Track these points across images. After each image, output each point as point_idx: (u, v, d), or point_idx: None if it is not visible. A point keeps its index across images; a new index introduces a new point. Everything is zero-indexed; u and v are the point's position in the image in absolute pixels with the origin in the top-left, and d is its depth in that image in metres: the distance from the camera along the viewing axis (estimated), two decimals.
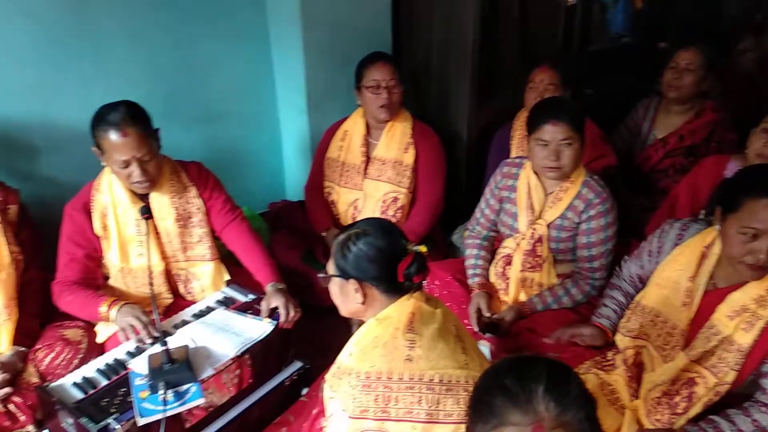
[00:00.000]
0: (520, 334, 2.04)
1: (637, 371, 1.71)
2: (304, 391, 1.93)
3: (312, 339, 2.16)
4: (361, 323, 1.46)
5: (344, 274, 1.40)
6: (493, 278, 2.21)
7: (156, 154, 1.92)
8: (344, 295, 1.44)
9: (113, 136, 1.81)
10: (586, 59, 3.46)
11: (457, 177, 2.92)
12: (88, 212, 1.97)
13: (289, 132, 3.05)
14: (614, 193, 2.07)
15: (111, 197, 1.97)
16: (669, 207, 2.32)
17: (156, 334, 1.79)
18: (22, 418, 1.84)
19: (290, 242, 2.63)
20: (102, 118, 1.83)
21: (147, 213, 1.90)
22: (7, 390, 1.81)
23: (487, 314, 2.07)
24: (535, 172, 2.07)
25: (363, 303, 1.41)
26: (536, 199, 2.06)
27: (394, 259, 1.37)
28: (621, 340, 1.79)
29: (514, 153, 2.63)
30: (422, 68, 2.96)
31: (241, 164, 2.94)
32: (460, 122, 2.89)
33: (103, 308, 1.88)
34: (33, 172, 2.32)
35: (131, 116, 1.83)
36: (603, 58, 3.64)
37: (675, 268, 1.69)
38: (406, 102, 2.63)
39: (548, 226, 2.05)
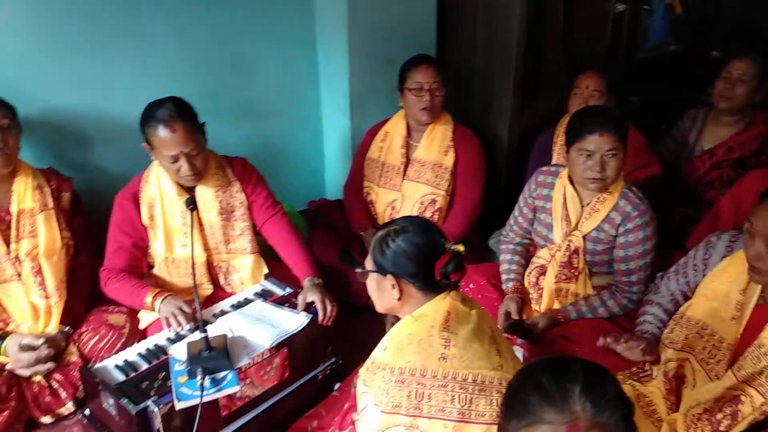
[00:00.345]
0: (554, 341, 2.02)
1: (676, 384, 1.67)
2: (337, 385, 1.95)
3: (346, 336, 2.18)
4: (395, 321, 1.47)
5: (382, 270, 1.42)
6: (526, 287, 2.19)
7: (203, 149, 1.98)
8: (381, 291, 1.45)
9: (162, 132, 1.87)
10: (633, 66, 3.40)
11: (496, 181, 2.91)
12: (137, 202, 2.04)
13: (331, 132, 3.09)
14: (657, 204, 2.02)
15: (159, 189, 2.03)
16: (712, 220, 2.26)
17: (196, 323, 1.84)
18: (64, 394, 1.92)
19: (328, 240, 2.66)
20: (151, 115, 1.89)
21: (192, 204, 1.96)
22: (50, 365, 1.90)
23: (515, 317, 2.05)
24: (571, 182, 2.03)
25: (399, 299, 1.42)
26: (572, 210, 2.02)
27: (432, 257, 1.38)
28: (662, 351, 1.74)
29: (555, 159, 2.61)
30: (465, 71, 2.96)
31: (282, 162, 2.99)
32: (501, 125, 2.88)
33: (148, 298, 1.94)
34: (85, 162, 2.42)
35: (179, 112, 1.89)
36: (649, 66, 3.57)
37: (724, 280, 1.65)
38: (448, 104, 2.63)
39: (584, 238, 2.01)
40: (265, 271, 2.20)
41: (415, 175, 2.62)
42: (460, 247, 1.41)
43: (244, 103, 2.79)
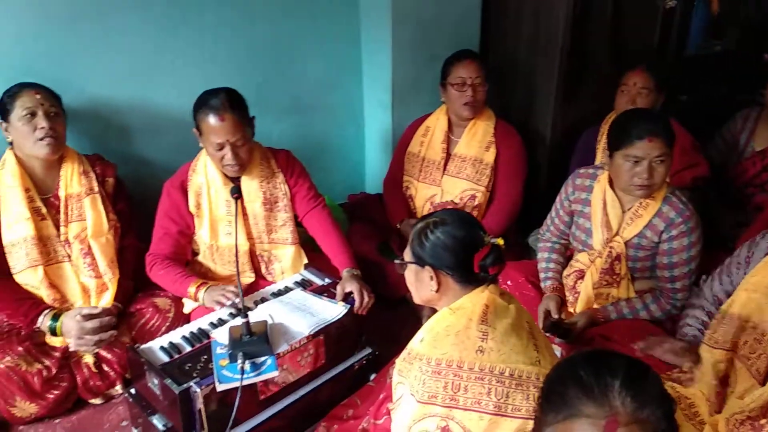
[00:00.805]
0: (593, 340, 1.98)
1: (721, 385, 1.63)
2: (372, 376, 1.97)
3: (382, 328, 2.20)
4: (432, 314, 1.47)
5: (420, 261, 1.42)
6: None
7: (249, 140, 2.03)
8: (419, 282, 1.46)
9: (212, 119, 1.93)
10: (682, 64, 3.31)
11: (538, 178, 2.88)
12: (184, 191, 2.10)
13: (373, 126, 3.11)
14: (703, 206, 1.96)
15: (206, 178, 2.09)
16: (764, 224, 2.19)
17: (238, 308, 1.88)
18: (113, 374, 2.00)
19: (367, 233, 2.68)
20: (204, 102, 1.96)
21: (237, 193, 2.00)
22: (113, 332, 1.98)
23: (556, 316, 2.03)
24: (611, 186, 1.98)
25: (437, 291, 1.42)
26: (613, 216, 1.97)
27: (471, 250, 1.38)
28: (708, 351, 1.70)
29: (599, 158, 2.56)
30: (508, 66, 2.93)
31: (324, 155, 3.03)
32: (544, 123, 2.84)
33: (191, 288, 2.00)
34: (129, 151, 2.48)
35: (230, 103, 1.95)
36: (699, 65, 3.47)
37: (766, 273, 1.60)
38: (490, 100, 2.62)
39: (625, 244, 1.96)
40: (305, 261, 2.23)
41: (455, 171, 2.61)
42: (500, 241, 1.40)
43: (287, 97, 2.84)
